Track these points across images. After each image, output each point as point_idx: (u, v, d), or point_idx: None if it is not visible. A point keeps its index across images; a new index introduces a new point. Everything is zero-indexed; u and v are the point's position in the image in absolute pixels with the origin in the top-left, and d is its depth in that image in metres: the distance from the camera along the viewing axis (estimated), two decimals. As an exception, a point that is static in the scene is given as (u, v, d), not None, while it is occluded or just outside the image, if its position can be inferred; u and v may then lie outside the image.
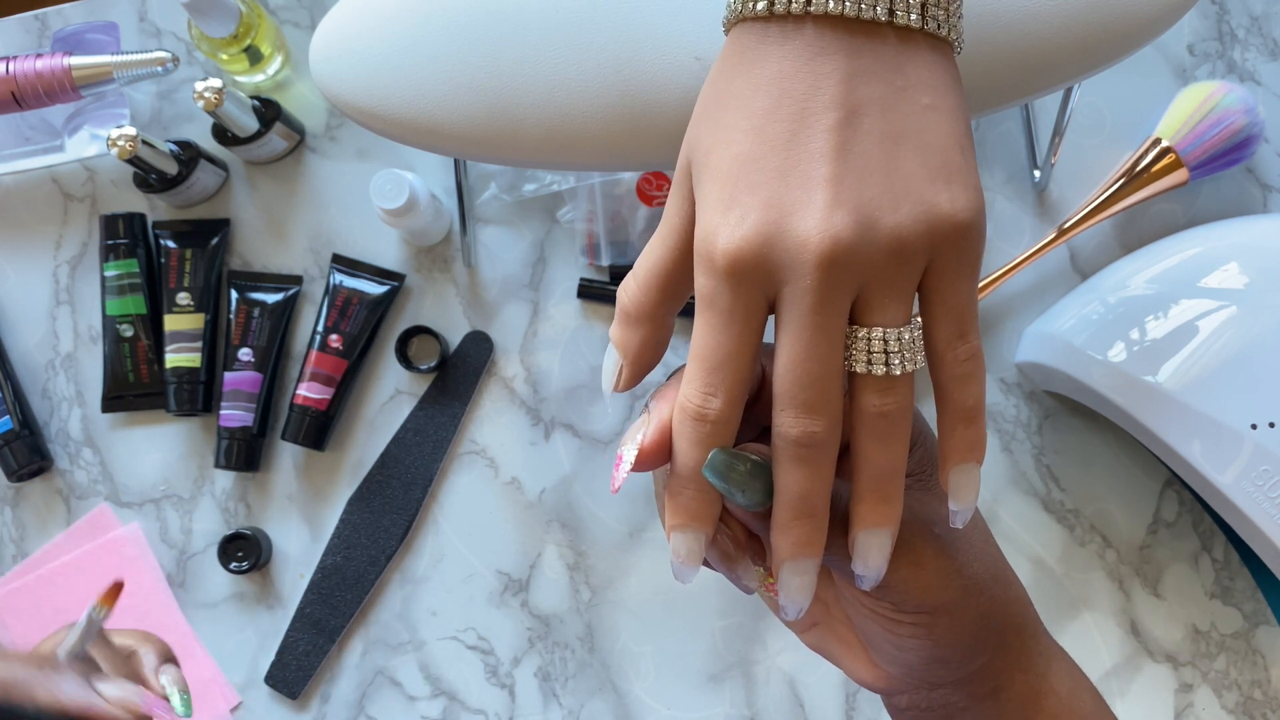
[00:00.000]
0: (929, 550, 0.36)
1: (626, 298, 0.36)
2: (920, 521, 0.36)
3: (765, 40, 0.34)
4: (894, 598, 0.36)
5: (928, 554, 0.36)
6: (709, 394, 0.33)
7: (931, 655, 0.37)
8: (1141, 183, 0.65)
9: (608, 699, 0.69)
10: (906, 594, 0.36)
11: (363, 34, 0.48)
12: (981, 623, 0.37)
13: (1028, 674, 0.39)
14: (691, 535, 0.34)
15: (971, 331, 0.34)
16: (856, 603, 0.38)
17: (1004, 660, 0.38)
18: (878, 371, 0.33)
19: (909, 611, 0.36)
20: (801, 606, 0.35)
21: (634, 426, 0.35)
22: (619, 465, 0.35)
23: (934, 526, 0.36)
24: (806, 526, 0.33)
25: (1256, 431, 0.56)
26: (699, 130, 0.35)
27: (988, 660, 0.38)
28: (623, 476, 0.35)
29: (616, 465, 0.35)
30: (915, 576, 0.36)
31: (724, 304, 0.33)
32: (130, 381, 0.70)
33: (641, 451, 0.34)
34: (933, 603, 0.36)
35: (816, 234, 0.32)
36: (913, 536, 0.35)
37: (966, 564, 0.36)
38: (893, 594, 0.36)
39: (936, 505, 0.37)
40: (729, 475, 0.33)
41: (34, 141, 0.72)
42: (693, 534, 0.34)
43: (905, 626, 0.37)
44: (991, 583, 0.37)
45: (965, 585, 0.36)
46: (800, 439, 0.33)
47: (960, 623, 0.37)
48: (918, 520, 0.36)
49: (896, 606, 0.36)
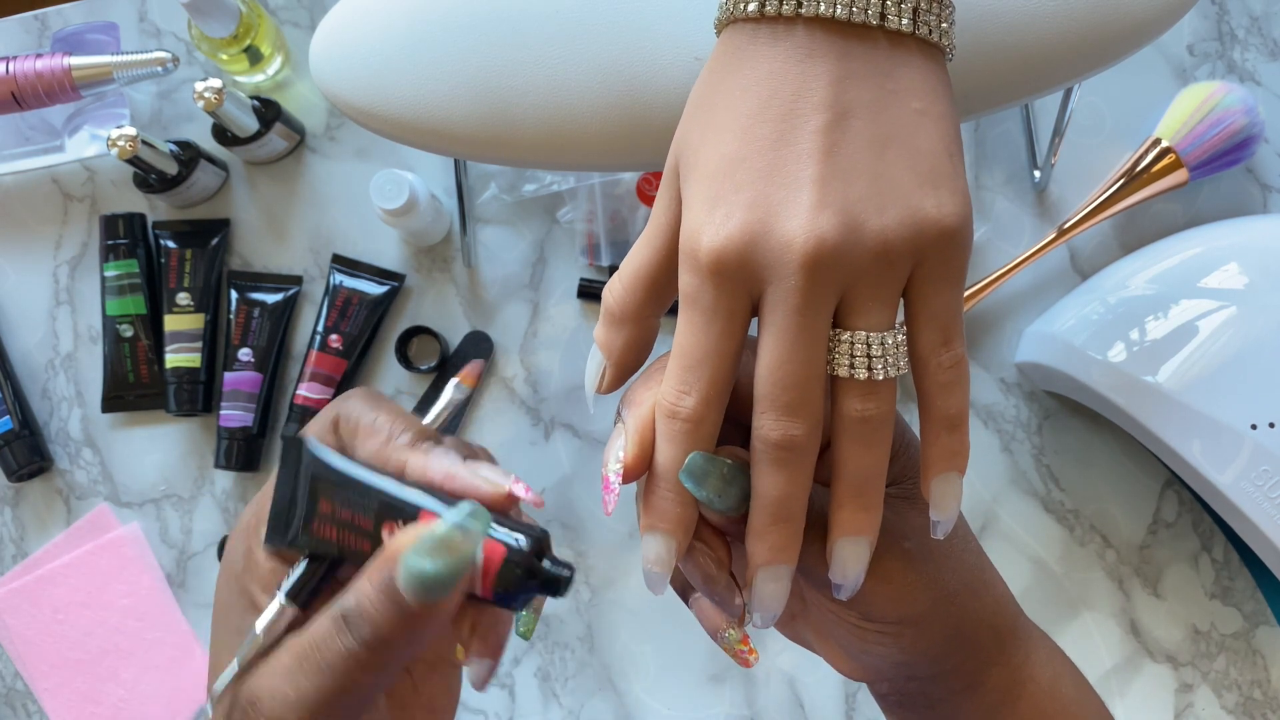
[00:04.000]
0: (897, 564, 0.35)
1: (611, 298, 0.36)
2: (891, 534, 0.35)
3: (756, 41, 0.34)
4: (860, 609, 0.36)
5: (896, 568, 0.35)
6: (684, 392, 0.33)
7: (898, 660, 0.37)
8: (1141, 183, 0.65)
9: (608, 699, 0.69)
10: (873, 606, 0.36)
11: (363, 34, 0.48)
12: (951, 632, 0.37)
13: (1004, 667, 0.38)
14: (662, 539, 0.34)
15: (956, 338, 0.34)
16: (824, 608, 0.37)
17: (977, 660, 0.38)
18: (860, 376, 0.32)
19: (875, 621, 0.36)
20: (775, 613, 0.34)
21: (612, 442, 0.35)
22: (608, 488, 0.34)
23: (905, 540, 0.36)
24: (783, 531, 0.33)
25: (1256, 431, 0.56)
26: (687, 129, 0.35)
27: (959, 662, 0.38)
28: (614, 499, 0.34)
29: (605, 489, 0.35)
30: (882, 590, 0.35)
31: (706, 303, 0.33)
32: (130, 381, 0.70)
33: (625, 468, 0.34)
34: (899, 615, 0.36)
35: (801, 235, 0.31)
36: (882, 551, 0.35)
37: (937, 576, 0.36)
38: (860, 605, 0.36)
39: (914, 517, 0.36)
40: (705, 479, 0.33)
41: (34, 141, 0.72)
42: (663, 537, 0.34)
43: (871, 635, 0.36)
44: (964, 592, 0.37)
45: (935, 598, 0.36)
46: (780, 441, 0.32)
47: (928, 632, 0.36)
48: (889, 533, 0.35)
49: (863, 616, 0.36)
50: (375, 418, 0.35)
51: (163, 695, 0.70)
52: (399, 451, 0.34)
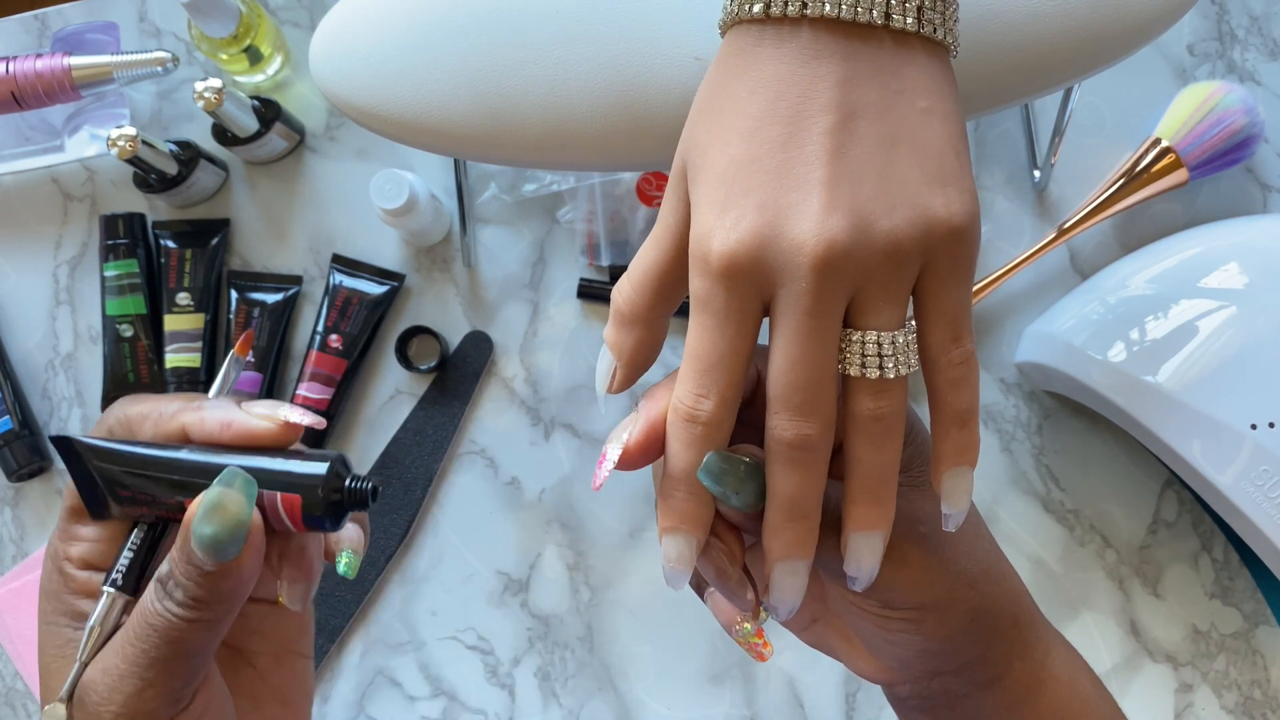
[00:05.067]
0: (914, 549, 0.36)
1: (621, 299, 0.36)
2: (906, 520, 0.36)
3: (761, 42, 0.34)
4: (881, 596, 0.36)
5: (913, 553, 0.36)
6: (701, 395, 0.33)
7: (923, 649, 0.37)
8: (1141, 183, 0.65)
9: (608, 699, 0.69)
10: (893, 592, 0.36)
11: (363, 34, 0.48)
12: (973, 617, 0.37)
13: (1027, 662, 0.39)
14: (683, 539, 0.34)
15: (965, 335, 0.34)
16: (845, 600, 0.38)
17: (1001, 650, 0.38)
18: (871, 375, 0.33)
19: (897, 608, 0.36)
20: (793, 607, 0.35)
21: (621, 424, 0.35)
22: (602, 463, 0.35)
23: (920, 525, 0.36)
24: (799, 528, 0.34)
25: (1256, 431, 0.56)
26: (695, 132, 0.35)
27: (983, 651, 0.38)
28: (605, 474, 0.35)
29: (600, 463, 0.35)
30: (901, 575, 0.36)
31: (718, 306, 0.33)
32: (130, 381, 0.70)
33: (626, 450, 0.35)
34: (919, 600, 0.36)
35: (812, 237, 0.32)
36: (898, 536, 0.35)
37: (954, 561, 0.37)
38: (879, 592, 0.36)
39: (926, 503, 0.37)
40: (723, 478, 0.33)
41: (34, 141, 0.72)
42: (684, 537, 0.34)
43: (894, 623, 0.37)
44: (982, 578, 0.37)
45: (953, 582, 0.36)
46: (793, 441, 0.33)
47: (949, 618, 0.37)
48: (904, 519, 0.36)
49: (884, 604, 0.36)
50: (142, 407, 0.37)
51: (163, 695, 0.70)
52: (175, 420, 0.36)
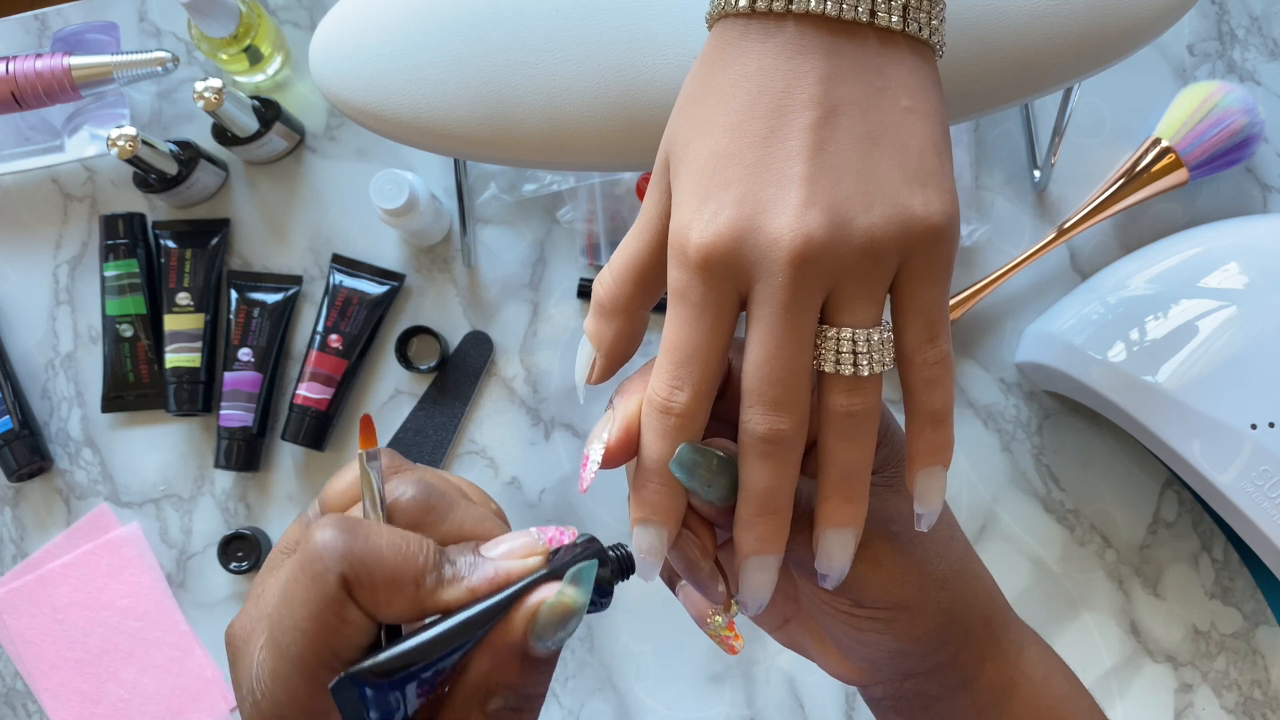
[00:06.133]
0: (886, 548, 0.36)
1: (601, 290, 0.36)
2: (878, 519, 0.36)
3: (746, 37, 0.34)
4: (852, 595, 0.36)
5: (885, 551, 0.36)
6: (675, 387, 0.33)
7: (894, 649, 0.37)
8: (1141, 183, 0.65)
9: (608, 699, 0.69)
10: (864, 591, 0.36)
11: (362, 34, 0.48)
12: (944, 618, 0.37)
13: (999, 662, 0.39)
14: (654, 530, 0.34)
15: (941, 335, 0.34)
16: (817, 600, 0.38)
17: (972, 651, 0.38)
18: (846, 372, 0.33)
19: (867, 607, 0.36)
20: (762, 602, 0.35)
21: (600, 424, 0.35)
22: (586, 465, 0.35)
23: (893, 524, 0.36)
24: (770, 523, 0.33)
25: (1256, 431, 0.56)
26: (677, 124, 0.35)
27: (955, 652, 0.38)
28: (590, 476, 0.35)
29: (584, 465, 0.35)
30: (872, 574, 0.36)
31: (695, 298, 0.33)
32: (130, 381, 0.70)
33: (608, 450, 0.35)
34: (891, 599, 0.36)
35: (789, 232, 0.32)
36: (870, 535, 0.35)
37: (925, 560, 0.36)
38: (851, 591, 0.36)
39: (899, 503, 0.37)
40: (695, 470, 0.33)
41: (34, 141, 0.72)
42: (655, 529, 0.34)
43: (865, 622, 0.37)
44: (954, 578, 0.37)
45: (924, 581, 0.36)
46: (767, 436, 0.33)
47: (920, 618, 0.37)
48: (875, 518, 0.36)
49: (855, 603, 0.36)
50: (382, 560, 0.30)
51: (163, 695, 0.70)
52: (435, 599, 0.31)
